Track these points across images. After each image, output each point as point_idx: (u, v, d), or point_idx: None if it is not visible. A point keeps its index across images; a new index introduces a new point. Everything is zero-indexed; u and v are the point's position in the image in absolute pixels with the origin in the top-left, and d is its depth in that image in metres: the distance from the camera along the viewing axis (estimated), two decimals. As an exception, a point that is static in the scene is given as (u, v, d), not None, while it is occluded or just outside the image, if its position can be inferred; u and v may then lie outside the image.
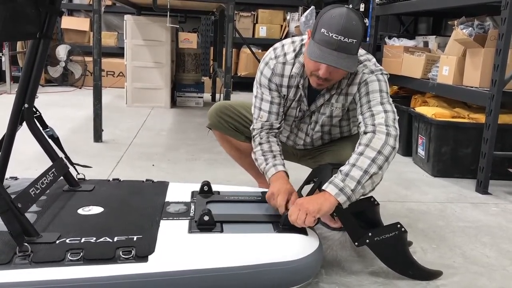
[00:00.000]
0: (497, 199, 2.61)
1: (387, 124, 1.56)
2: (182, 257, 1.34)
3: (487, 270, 1.75)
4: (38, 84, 1.71)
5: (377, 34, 4.43)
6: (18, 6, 1.45)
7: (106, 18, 7.05)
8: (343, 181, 1.48)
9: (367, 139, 1.54)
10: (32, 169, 2.50)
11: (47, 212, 1.57)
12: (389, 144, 1.53)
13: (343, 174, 1.50)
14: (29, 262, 1.25)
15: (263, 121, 1.80)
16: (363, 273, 1.67)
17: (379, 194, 1.89)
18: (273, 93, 1.78)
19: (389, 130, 1.55)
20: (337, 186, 1.48)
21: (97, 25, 3.31)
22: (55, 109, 4.60)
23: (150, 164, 2.91)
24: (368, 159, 1.50)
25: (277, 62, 1.75)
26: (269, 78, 1.77)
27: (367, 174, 1.48)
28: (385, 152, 1.51)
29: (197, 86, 5.49)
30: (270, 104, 1.78)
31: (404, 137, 3.47)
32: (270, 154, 1.75)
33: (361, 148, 1.53)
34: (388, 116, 1.59)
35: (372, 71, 1.67)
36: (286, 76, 1.75)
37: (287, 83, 1.76)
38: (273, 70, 1.76)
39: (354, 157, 1.52)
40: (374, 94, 1.64)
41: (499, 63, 2.55)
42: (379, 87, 1.65)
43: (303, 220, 1.46)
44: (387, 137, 1.54)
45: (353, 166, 1.50)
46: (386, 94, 1.66)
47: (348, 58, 1.52)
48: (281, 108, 1.80)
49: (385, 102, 1.63)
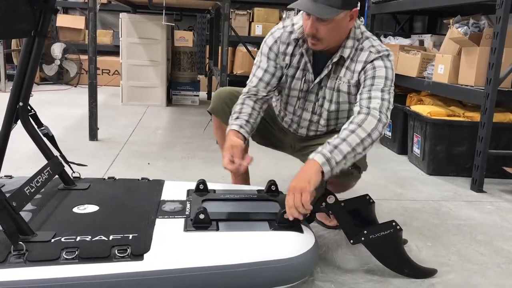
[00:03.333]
0: (492, 197, 2.62)
1: (380, 111, 1.61)
2: (177, 255, 1.34)
3: (481, 268, 1.76)
4: (33, 82, 1.70)
5: (372, 32, 4.42)
6: (12, 3, 1.45)
7: (101, 16, 7.03)
8: (331, 152, 1.51)
9: (360, 120, 1.58)
10: (27, 168, 2.49)
11: (42, 210, 1.56)
12: (378, 129, 1.58)
13: (331, 145, 1.53)
14: (24, 261, 1.24)
15: (251, 86, 1.84)
16: (358, 271, 1.67)
17: (374, 192, 1.90)
18: (270, 62, 1.82)
19: (381, 117, 1.60)
20: (325, 155, 1.51)
21: (92, 23, 3.30)
22: (50, 108, 4.58)
23: (146, 162, 2.91)
24: (358, 138, 1.54)
25: (284, 31, 1.81)
26: (270, 46, 1.82)
27: (353, 152, 1.53)
28: (373, 136, 1.57)
29: (192, 85, 5.48)
30: (263, 72, 1.83)
31: (399, 136, 3.48)
32: (235, 115, 1.79)
33: (353, 126, 1.57)
34: (383, 104, 1.63)
35: (379, 51, 1.71)
36: (291, 44, 1.79)
37: (291, 51, 1.80)
38: (279, 38, 1.81)
39: (345, 133, 1.56)
40: (379, 79, 1.67)
41: (494, 61, 2.56)
42: (385, 74, 1.68)
43: (300, 201, 1.45)
44: (378, 122, 1.59)
45: (343, 140, 1.53)
46: (391, 81, 1.69)
47: (326, 8, 1.57)
48: (274, 80, 1.84)
49: (386, 90, 1.66)
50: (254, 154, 2.14)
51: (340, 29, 1.67)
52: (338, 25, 1.64)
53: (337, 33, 1.67)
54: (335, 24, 1.63)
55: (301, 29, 1.76)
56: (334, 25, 1.63)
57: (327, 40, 1.67)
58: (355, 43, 1.72)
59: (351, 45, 1.71)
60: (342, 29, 1.67)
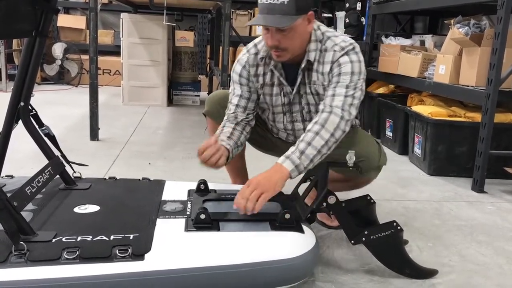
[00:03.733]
0: (493, 197, 2.61)
1: (343, 108, 1.64)
2: (178, 255, 1.34)
3: (482, 269, 1.76)
4: (34, 82, 1.70)
5: (373, 33, 4.44)
6: (13, 3, 1.45)
7: (102, 16, 7.03)
8: (299, 158, 1.57)
9: (322, 119, 1.62)
10: (28, 168, 2.49)
11: (43, 210, 1.56)
12: (340, 128, 1.62)
13: (299, 151, 1.58)
14: (25, 261, 1.24)
15: (229, 113, 1.85)
16: (359, 271, 1.67)
17: (375, 192, 1.90)
18: (243, 87, 1.84)
19: (343, 114, 1.63)
20: (294, 162, 1.56)
21: (93, 23, 3.30)
22: (51, 108, 4.59)
23: (147, 162, 2.91)
24: (322, 140, 1.59)
25: (249, 55, 1.83)
26: (239, 73, 1.83)
27: (319, 154, 1.59)
28: (336, 135, 1.61)
29: (193, 85, 5.49)
30: (239, 98, 1.84)
31: (400, 136, 3.47)
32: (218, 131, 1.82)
33: (317, 127, 1.61)
34: (346, 101, 1.65)
35: (343, 48, 1.70)
36: (260, 65, 1.81)
37: (262, 71, 1.81)
38: (246, 62, 1.82)
39: (310, 135, 1.60)
40: (344, 76, 1.68)
41: (495, 62, 2.56)
42: (351, 69, 1.68)
43: (255, 198, 1.47)
44: (340, 120, 1.62)
45: (308, 144, 1.58)
46: (358, 75, 1.69)
47: (282, 17, 1.58)
48: (251, 103, 1.85)
49: (351, 86, 1.67)
50: (253, 154, 2.15)
51: (301, 35, 1.67)
52: (298, 31, 1.64)
53: (298, 40, 1.68)
54: (295, 31, 1.63)
55: (265, 47, 1.76)
56: (294, 32, 1.63)
57: (290, 48, 1.67)
58: (318, 45, 1.72)
59: (314, 47, 1.72)
60: (303, 34, 1.68)
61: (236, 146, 1.79)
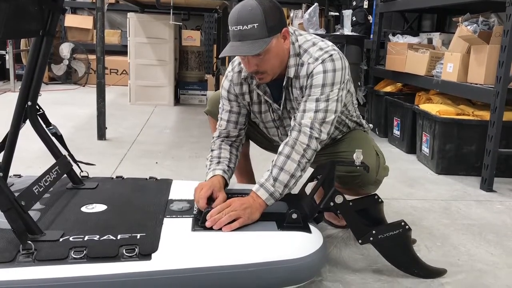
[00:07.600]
0: (502, 196, 2.59)
1: (311, 127, 1.58)
2: (185, 255, 1.34)
3: (491, 268, 1.75)
4: (41, 82, 1.71)
5: (381, 31, 4.42)
6: (21, 3, 1.45)
7: (109, 16, 7.06)
8: (273, 186, 1.55)
9: (292, 141, 1.59)
10: (35, 167, 2.51)
11: (50, 210, 1.57)
12: (311, 147, 1.58)
13: (273, 178, 1.56)
14: (32, 260, 1.24)
15: (221, 129, 1.81)
16: (367, 271, 1.67)
17: (383, 191, 1.89)
18: (232, 103, 1.80)
19: (312, 133, 1.58)
20: (268, 190, 1.55)
21: (100, 23, 3.31)
22: (58, 107, 4.61)
23: (154, 161, 2.91)
24: (294, 163, 1.57)
25: (233, 73, 1.78)
26: (227, 89, 1.79)
27: (293, 178, 1.57)
28: (307, 155, 1.58)
29: (200, 84, 5.49)
30: (229, 113, 1.80)
31: (408, 135, 3.46)
32: (215, 160, 1.76)
33: (287, 150, 1.58)
34: (316, 117, 1.59)
35: (316, 59, 1.62)
36: (244, 83, 1.76)
37: (247, 89, 1.77)
38: (231, 81, 1.78)
39: (282, 159, 1.57)
40: (315, 89, 1.61)
41: (504, 59, 2.53)
42: (322, 80, 1.60)
43: (226, 220, 1.45)
44: (310, 139, 1.58)
45: (281, 170, 1.56)
46: (331, 86, 1.60)
47: (254, 43, 1.52)
48: (241, 118, 1.81)
49: (322, 99, 1.59)
50: (258, 153, 2.15)
51: (278, 54, 1.60)
52: (274, 52, 1.57)
53: (277, 60, 1.61)
54: (271, 52, 1.56)
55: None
56: (270, 54, 1.56)
57: (271, 69, 1.62)
58: (297, 59, 1.65)
59: (293, 63, 1.65)
60: (280, 53, 1.60)
61: (233, 169, 1.78)
